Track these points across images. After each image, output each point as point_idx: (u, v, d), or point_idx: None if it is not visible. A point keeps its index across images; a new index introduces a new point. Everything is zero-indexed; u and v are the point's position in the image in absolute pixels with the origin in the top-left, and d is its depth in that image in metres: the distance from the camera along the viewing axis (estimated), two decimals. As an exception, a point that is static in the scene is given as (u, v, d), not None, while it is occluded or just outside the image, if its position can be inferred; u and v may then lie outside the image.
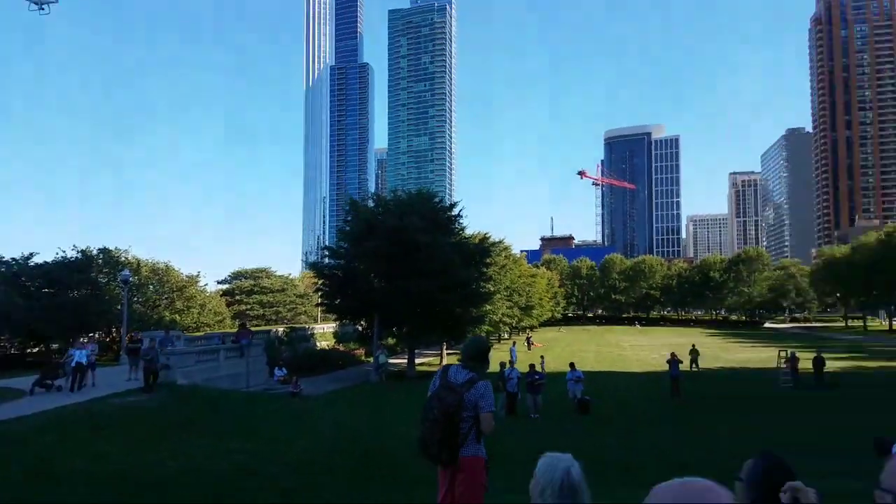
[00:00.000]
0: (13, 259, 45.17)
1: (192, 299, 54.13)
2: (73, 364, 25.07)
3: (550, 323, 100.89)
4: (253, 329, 42.87)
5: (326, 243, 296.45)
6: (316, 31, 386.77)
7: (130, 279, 41.33)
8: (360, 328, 48.50)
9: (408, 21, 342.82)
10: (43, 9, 50.62)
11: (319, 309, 59.21)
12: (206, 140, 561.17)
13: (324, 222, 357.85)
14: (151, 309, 50.41)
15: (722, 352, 59.13)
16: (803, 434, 18.06)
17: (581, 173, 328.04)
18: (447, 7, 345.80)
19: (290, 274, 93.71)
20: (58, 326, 39.35)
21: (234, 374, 31.59)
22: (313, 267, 52.07)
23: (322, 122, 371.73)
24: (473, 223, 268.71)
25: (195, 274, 57.47)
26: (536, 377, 25.73)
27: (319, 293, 48.60)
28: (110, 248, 50.30)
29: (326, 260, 54.07)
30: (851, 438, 12.88)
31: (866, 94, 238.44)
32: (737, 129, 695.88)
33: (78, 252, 47.60)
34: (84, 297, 43.63)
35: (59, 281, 43.72)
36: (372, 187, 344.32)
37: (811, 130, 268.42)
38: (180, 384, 27.73)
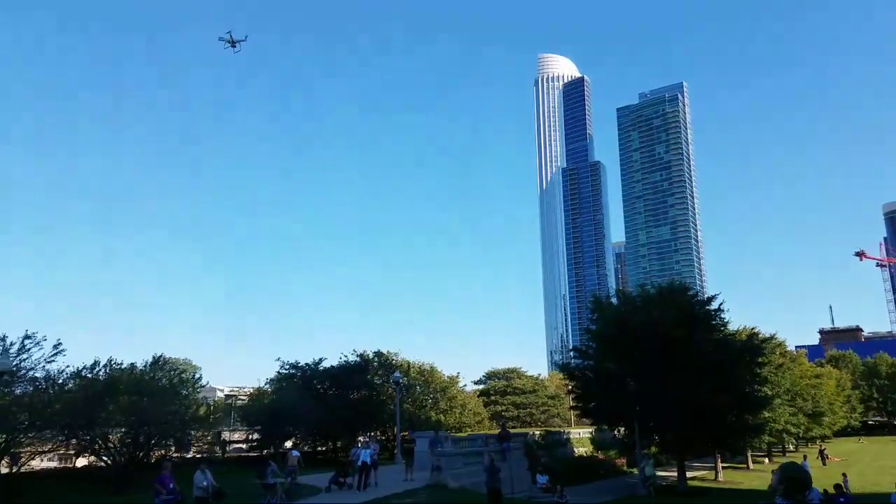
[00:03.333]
0: (307, 364, 52.06)
1: (454, 399, 56.87)
2: (359, 463, 27.38)
3: (846, 432, 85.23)
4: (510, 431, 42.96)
5: (570, 341, 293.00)
6: (546, 137, 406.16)
7: (401, 380, 44.77)
8: (617, 434, 45.78)
9: (638, 115, 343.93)
10: (235, 47, 59.34)
11: (573, 412, 57.62)
12: (451, 241, 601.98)
13: (566, 320, 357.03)
14: (419, 409, 53.88)
15: None
16: None
17: (860, 254, 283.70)
18: (679, 96, 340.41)
19: (539, 374, 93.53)
20: (342, 426, 43.71)
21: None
22: (562, 368, 51.37)
23: (557, 222, 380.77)
24: (734, 318, 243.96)
25: (455, 374, 60.89)
26: (842, 500, 21.44)
27: (571, 395, 47.32)
28: (383, 352, 55.57)
29: (573, 361, 53.06)
30: None
31: None
32: None
33: (357, 356, 53.40)
34: (362, 398, 48.22)
35: (342, 383, 49.10)
36: (612, 282, 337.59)
37: None
38: (451, 487, 28.46)
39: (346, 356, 53.16)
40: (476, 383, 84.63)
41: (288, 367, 51.93)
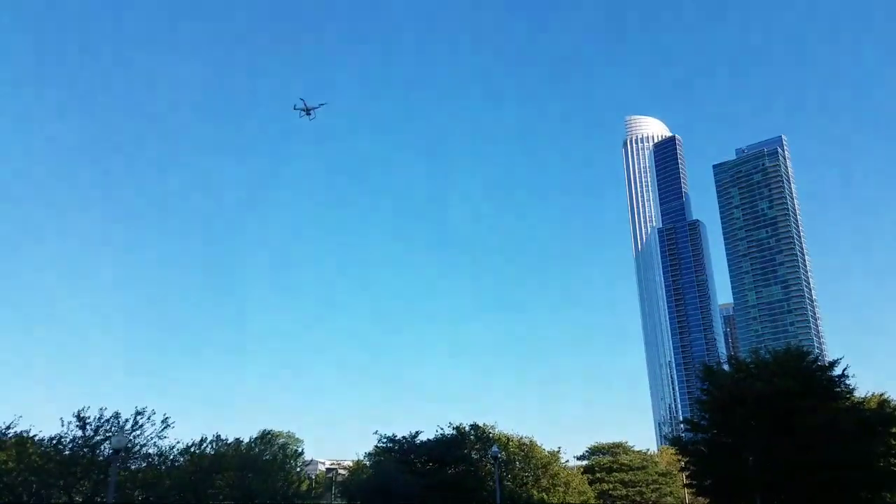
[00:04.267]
0: (403, 438, 51.92)
1: (557, 476, 54.51)
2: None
3: None
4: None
5: (679, 412, 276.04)
6: (638, 198, 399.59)
7: (500, 455, 43.64)
8: (739, 515, 42.04)
9: (736, 171, 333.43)
10: (310, 114, 61.39)
11: (687, 490, 53.75)
12: (537, 311, 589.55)
13: (673, 389, 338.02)
14: (520, 486, 51.95)
15: None
16: None
17: None
18: (778, 150, 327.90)
19: (647, 449, 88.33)
20: (441, 503, 42.80)
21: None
22: (673, 442, 48.53)
23: (656, 284, 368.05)
24: (859, 382, 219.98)
25: (556, 449, 58.44)
26: None
27: (685, 472, 44.39)
28: (479, 424, 54.61)
29: (685, 434, 50.08)
30: None
31: None
32: None
33: (453, 429, 52.73)
34: (460, 474, 47.21)
35: (439, 458, 48.42)
36: (722, 347, 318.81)
37: None
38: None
39: (441, 429, 52.65)
40: (579, 459, 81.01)
41: (385, 440, 52.05)
